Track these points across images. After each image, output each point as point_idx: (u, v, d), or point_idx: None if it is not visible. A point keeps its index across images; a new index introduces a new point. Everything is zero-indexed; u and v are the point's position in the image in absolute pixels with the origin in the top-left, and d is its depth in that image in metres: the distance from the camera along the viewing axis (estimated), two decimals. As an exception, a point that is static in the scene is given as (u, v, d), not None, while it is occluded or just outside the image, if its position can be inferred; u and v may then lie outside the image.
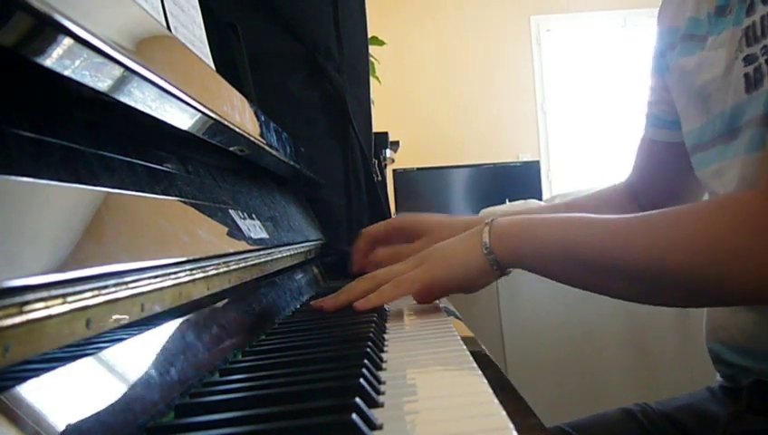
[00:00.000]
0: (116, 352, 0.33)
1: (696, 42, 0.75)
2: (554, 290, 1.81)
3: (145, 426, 0.32)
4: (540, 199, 2.31)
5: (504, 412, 0.32)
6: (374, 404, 0.35)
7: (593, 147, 5.03)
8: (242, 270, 0.56)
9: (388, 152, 2.34)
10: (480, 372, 0.40)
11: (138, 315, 0.35)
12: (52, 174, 0.32)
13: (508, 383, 0.40)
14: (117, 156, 0.41)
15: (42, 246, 0.28)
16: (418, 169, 4.13)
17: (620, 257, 0.60)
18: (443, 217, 0.88)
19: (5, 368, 0.24)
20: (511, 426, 0.30)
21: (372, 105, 1.33)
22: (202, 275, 0.45)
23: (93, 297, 0.30)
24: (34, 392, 0.26)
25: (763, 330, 0.68)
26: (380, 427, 0.32)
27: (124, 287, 0.33)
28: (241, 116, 0.63)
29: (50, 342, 0.27)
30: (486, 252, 0.66)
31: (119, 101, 0.39)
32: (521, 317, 1.78)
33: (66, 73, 0.32)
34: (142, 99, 0.41)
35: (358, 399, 0.32)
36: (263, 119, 0.75)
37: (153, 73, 0.39)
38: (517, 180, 4.04)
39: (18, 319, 0.25)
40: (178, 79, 0.44)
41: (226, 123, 0.56)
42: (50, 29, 0.29)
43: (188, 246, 0.44)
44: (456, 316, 0.69)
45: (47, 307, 0.26)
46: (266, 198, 0.80)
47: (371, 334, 0.52)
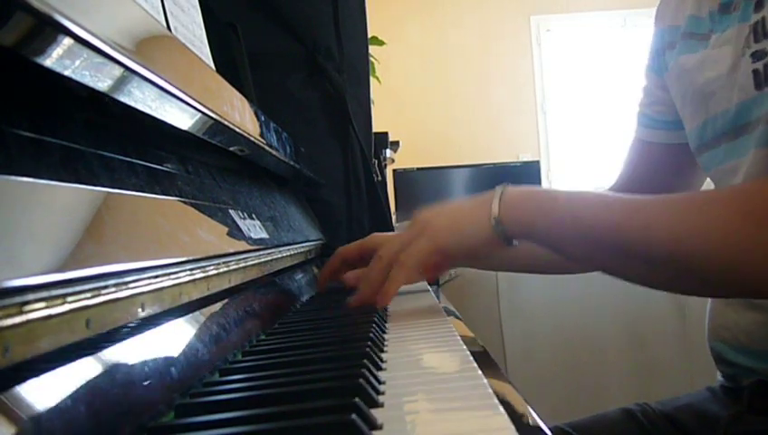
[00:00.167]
0: (116, 352, 0.33)
1: (698, 40, 0.74)
2: (554, 290, 1.81)
3: (145, 426, 0.32)
4: (540, 199, 2.30)
5: (504, 412, 0.32)
6: (374, 404, 0.35)
7: (593, 147, 5.03)
8: (242, 270, 0.56)
9: (388, 152, 2.34)
10: (480, 372, 0.40)
11: (138, 315, 0.35)
12: (52, 174, 0.32)
13: (508, 383, 0.40)
14: (117, 156, 0.41)
15: (42, 246, 0.28)
16: (418, 169, 4.13)
17: (639, 239, 0.57)
18: None
19: (5, 368, 0.24)
20: (511, 426, 0.30)
21: (372, 105, 1.33)
22: (202, 275, 0.45)
23: (93, 297, 0.30)
24: (34, 392, 0.26)
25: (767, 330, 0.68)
26: (380, 427, 0.32)
27: (124, 287, 0.33)
28: (241, 116, 0.63)
29: (50, 342, 0.27)
30: (495, 223, 0.63)
31: (119, 101, 0.39)
32: (521, 317, 1.78)
33: (66, 73, 0.32)
34: (142, 99, 0.41)
35: (358, 399, 0.32)
36: (263, 119, 0.75)
37: (153, 73, 0.39)
38: (517, 180, 4.01)
39: (18, 319, 0.25)
40: (178, 79, 0.44)
41: (226, 123, 0.56)
42: (50, 29, 0.29)
43: (188, 246, 0.44)
44: (456, 316, 0.69)
45: (47, 307, 0.26)
46: (266, 198, 0.80)
47: (371, 334, 0.52)
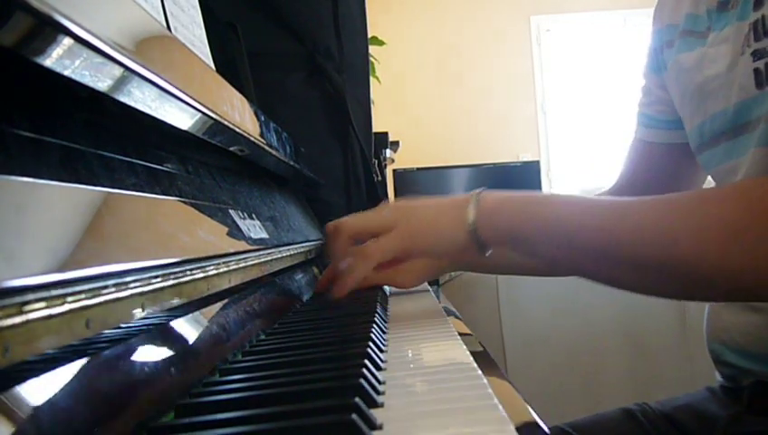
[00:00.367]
0: (116, 352, 0.33)
1: (696, 38, 0.74)
2: (554, 291, 1.81)
3: (145, 426, 0.32)
4: (540, 199, 2.30)
5: (504, 412, 0.32)
6: (374, 404, 0.35)
7: (593, 147, 5.03)
8: (242, 270, 0.56)
9: (388, 152, 2.33)
10: (480, 372, 0.40)
11: (138, 315, 0.35)
12: (52, 174, 0.32)
13: (508, 383, 0.40)
14: (117, 156, 0.41)
15: (42, 246, 0.28)
16: (418, 169, 4.13)
17: (627, 242, 0.55)
18: None
19: (5, 368, 0.24)
20: (511, 426, 0.30)
21: (372, 105, 1.33)
22: (202, 275, 0.45)
23: (93, 297, 0.30)
24: (34, 392, 0.26)
25: (766, 332, 0.68)
26: (380, 427, 0.32)
27: (124, 287, 0.33)
28: (241, 116, 0.63)
29: (50, 342, 0.27)
30: (471, 229, 0.60)
31: (119, 101, 0.39)
32: (521, 317, 1.78)
33: (66, 73, 0.32)
34: (142, 99, 0.41)
35: (358, 399, 0.32)
36: (263, 119, 0.75)
37: (153, 73, 0.39)
38: (517, 180, 4.04)
39: (18, 319, 0.25)
40: (178, 79, 0.44)
41: (226, 123, 0.56)
42: (50, 29, 0.29)
43: (188, 246, 0.44)
44: (456, 316, 0.69)
45: (47, 307, 0.26)
46: (266, 198, 0.80)
47: (371, 334, 0.52)
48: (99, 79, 0.35)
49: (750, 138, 0.66)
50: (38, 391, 0.26)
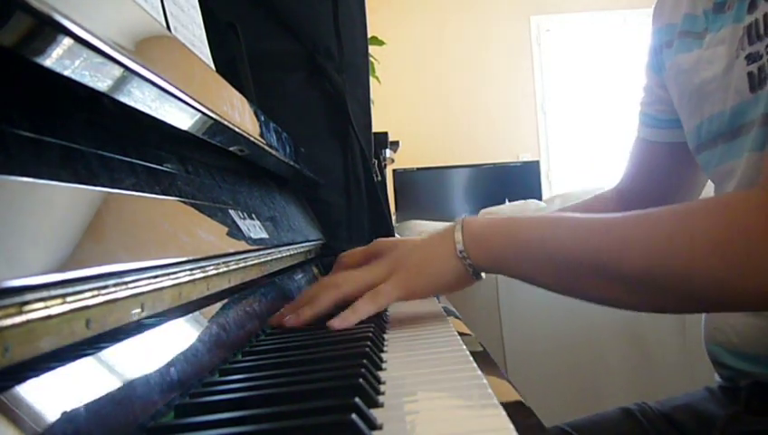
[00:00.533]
0: (116, 352, 0.33)
1: (694, 38, 0.74)
2: (554, 290, 1.81)
3: (145, 426, 0.32)
4: (540, 199, 2.31)
5: (504, 412, 0.32)
6: (374, 404, 0.35)
7: (593, 147, 5.03)
8: (242, 270, 0.56)
9: (388, 152, 2.33)
10: (480, 373, 0.40)
11: (138, 315, 0.35)
12: (52, 174, 0.32)
13: (508, 383, 0.40)
14: (117, 156, 0.41)
15: (42, 246, 0.28)
16: (418, 169, 4.13)
17: (614, 259, 0.55)
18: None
19: (5, 368, 0.24)
20: (511, 426, 0.30)
21: (372, 105, 1.33)
22: (202, 275, 0.45)
23: (93, 297, 0.30)
24: (34, 392, 0.26)
25: (762, 334, 0.68)
26: (380, 427, 0.32)
27: (124, 287, 0.33)
28: (241, 116, 0.63)
29: (50, 342, 0.27)
30: (462, 256, 0.61)
31: (119, 101, 0.39)
32: (521, 317, 1.78)
33: (66, 73, 0.32)
34: (142, 99, 0.41)
35: (358, 399, 0.32)
36: (263, 119, 0.75)
37: (153, 73, 0.39)
38: (517, 180, 4.04)
39: (18, 319, 0.25)
40: (178, 79, 0.44)
41: (226, 123, 0.56)
42: (50, 29, 0.29)
43: (188, 246, 0.44)
44: (456, 316, 0.69)
45: (47, 307, 0.26)
46: (266, 198, 0.80)
47: (371, 334, 0.52)
48: (99, 79, 0.35)
49: (745, 141, 0.66)
50: (38, 391, 0.26)
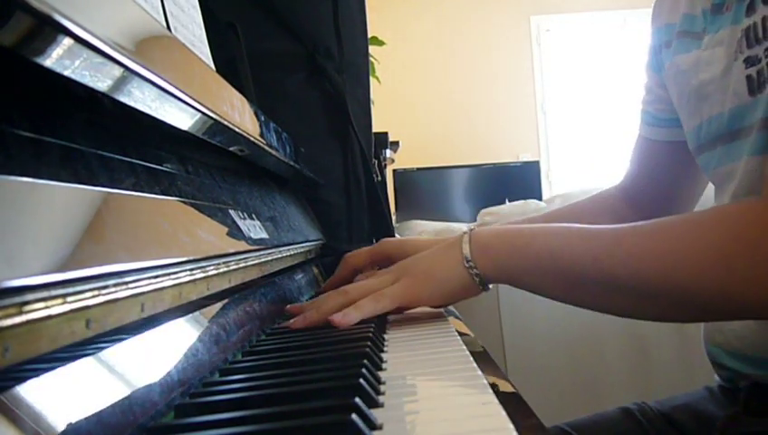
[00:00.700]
0: (116, 352, 0.33)
1: (692, 39, 0.74)
2: (554, 290, 1.80)
3: (145, 426, 0.32)
4: (540, 199, 2.31)
5: (504, 412, 0.32)
6: (374, 404, 0.35)
7: (593, 147, 5.04)
8: (242, 270, 0.56)
9: (388, 152, 2.33)
10: (480, 372, 0.40)
11: (138, 315, 0.35)
12: (52, 174, 0.32)
13: (508, 383, 0.40)
14: (117, 156, 0.41)
15: (42, 246, 0.27)
16: (418, 169, 4.13)
17: (624, 271, 0.55)
18: (430, 240, 0.76)
19: (5, 368, 0.24)
20: (511, 426, 0.30)
21: (372, 105, 1.33)
22: (202, 275, 0.45)
23: (93, 297, 0.30)
24: (34, 392, 0.26)
25: (760, 336, 0.68)
26: (380, 427, 0.32)
27: (124, 287, 0.33)
28: (241, 116, 0.63)
29: (50, 342, 0.27)
30: (468, 266, 0.61)
31: (118, 101, 0.39)
32: (521, 317, 1.78)
33: (66, 73, 0.32)
34: (142, 99, 0.41)
35: (358, 399, 0.32)
36: (263, 119, 0.75)
37: (153, 73, 0.39)
38: (517, 180, 4.04)
39: (18, 319, 0.25)
40: (178, 79, 0.44)
41: (226, 123, 0.56)
42: (50, 29, 0.29)
43: (188, 246, 0.44)
44: (456, 316, 0.69)
45: (47, 307, 0.26)
46: (266, 198, 0.80)
47: (371, 334, 0.52)
48: (99, 79, 0.35)
49: (744, 144, 0.66)
50: (38, 391, 0.26)
